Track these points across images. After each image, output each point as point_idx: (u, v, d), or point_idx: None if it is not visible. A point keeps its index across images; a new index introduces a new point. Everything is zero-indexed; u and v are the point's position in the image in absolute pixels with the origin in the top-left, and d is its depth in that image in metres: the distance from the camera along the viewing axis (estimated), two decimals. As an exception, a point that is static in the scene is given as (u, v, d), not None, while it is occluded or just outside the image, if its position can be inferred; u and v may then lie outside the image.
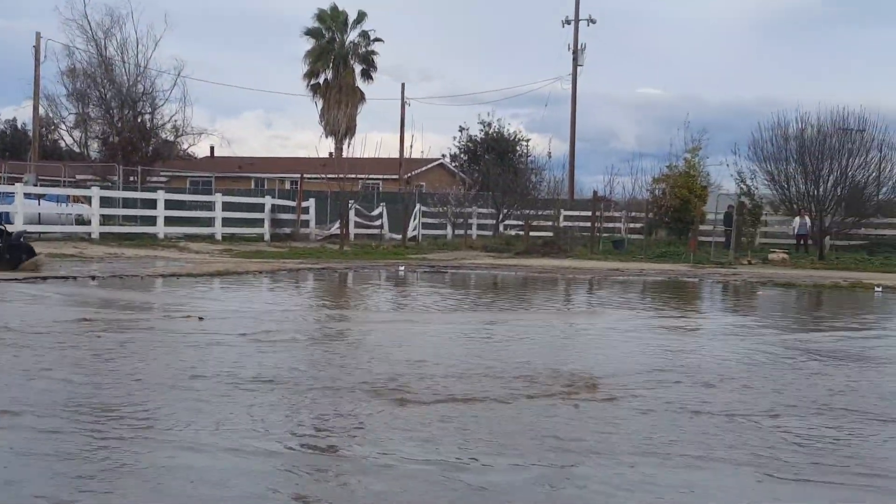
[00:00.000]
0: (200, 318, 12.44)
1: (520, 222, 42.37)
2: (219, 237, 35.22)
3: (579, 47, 54.82)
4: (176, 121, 51.39)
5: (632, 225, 42.86)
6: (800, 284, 23.88)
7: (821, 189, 37.93)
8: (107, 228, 32.50)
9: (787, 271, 28.54)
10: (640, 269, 28.57)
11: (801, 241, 37.09)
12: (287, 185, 57.16)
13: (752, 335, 12.76)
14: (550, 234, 40.28)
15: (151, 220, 33.86)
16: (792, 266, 31.09)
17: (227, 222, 36.33)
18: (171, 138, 52.16)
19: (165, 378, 8.16)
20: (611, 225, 43.11)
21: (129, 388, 7.71)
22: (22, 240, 21.16)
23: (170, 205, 34.58)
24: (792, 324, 15.19)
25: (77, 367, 8.65)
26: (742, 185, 39.93)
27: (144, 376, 8.25)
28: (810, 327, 14.53)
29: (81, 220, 33.37)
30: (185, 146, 53.80)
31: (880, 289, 22.36)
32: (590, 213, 40.09)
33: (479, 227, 44.10)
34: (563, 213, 43.82)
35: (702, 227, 38.92)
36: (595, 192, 42.87)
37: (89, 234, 31.28)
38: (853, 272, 28.36)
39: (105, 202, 33.98)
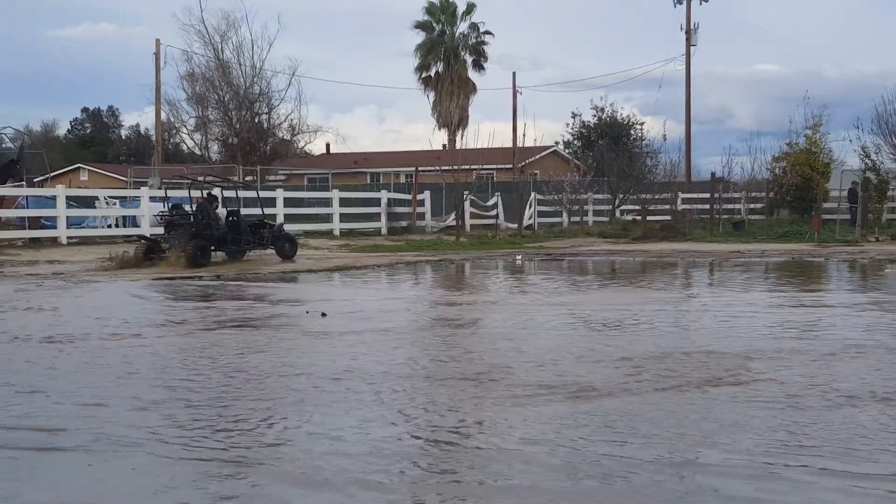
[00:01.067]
0: (324, 314, 12.70)
1: (636, 207, 41.96)
2: (337, 233, 35.77)
3: (692, 27, 53.96)
4: (292, 119, 52.29)
5: (752, 205, 42.04)
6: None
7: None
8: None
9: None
10: (762, 249, 28.06)
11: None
12: (402, 179, 57.66)
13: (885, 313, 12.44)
14: (668, 217, 39.78)
15: (271, 219, 34.56)
16: (921, 241, 30.12)
17: (344, 218, 36.85)
18: (288, 137, 53.11)
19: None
20: (730, 206, 42.39)
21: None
22: (283, 231, 24.80)
23: (288, 202, 35.23)
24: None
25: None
26: (867, 161, 38.66)
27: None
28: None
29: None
30: (301, 144, 54.69)
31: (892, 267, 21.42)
32: (708, 195, 39.45)
33: (595, 213, 43.80)
34: (681, 196, 43.21)
35: (825, 205, 37.95)
36: (713, 174, 42.11)
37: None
38: None
39: (226, 202, 34.77)
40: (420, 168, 41.32)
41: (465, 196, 37.77)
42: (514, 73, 60.18)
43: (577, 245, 31.81)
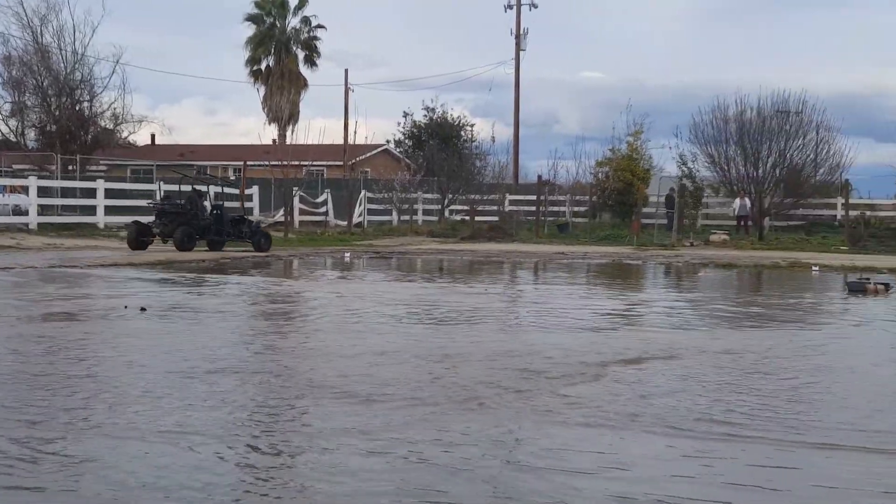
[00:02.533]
0: (143, 309, 12.49)
1: (465, 207, 42.56)
2: (162, 226, 34.91)
3: (522, 32, 55.05)
4: (115, 108, 50.62)
5: (576, 208, 43.26)
6: (741, 265, 24.38)
7: (760, 171, 38.58)
8: (45, 219, 32.03)
9: (729, 252, 29.08)
10: (585, 251, 28.95)
11: (742, 223, 37.68)
12: (230, 173, 56.78)
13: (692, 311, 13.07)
14: (496, 218, 40.51)
15: (91, 210, 33.45)
16: (733, 247, 31.67)
17: (169, 211, 35.99)
18: (111, 126, 51.46)
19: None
20: (555, 209, 43.47)
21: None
22: (260, 227, 27.54)
23: (110, 194, 34.19)
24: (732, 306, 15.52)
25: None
26: (683, 168, 40.52)
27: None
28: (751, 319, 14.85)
29: (18, 211, 32.89)
30: (125, 134, 53.04)
31: (817, 268, 22.93)
32: (534, 198, 40.39)
33: (425, 212, 44.23)
34: (508, 197, 44.07)
35: (645, 210, 39.41)
36: (539, 177, 43.16)
37: (27, 224, 30.83)
38: (792, 252, 28.98)
39: (43, 192, 33.46)
40: (249, 162, 40.78)
41: (294, 192, 37.52)
42: (346, 70, 59.92)
43: (406, 244, 32.07)
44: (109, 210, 33.65)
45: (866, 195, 45.49)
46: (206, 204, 26.57)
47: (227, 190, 30.56)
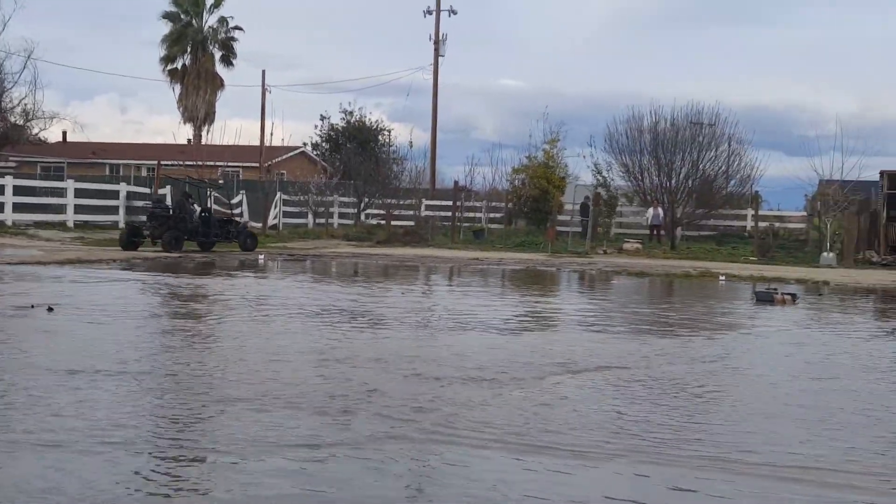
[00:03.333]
0: (50, 309, 12.22)
1: (381, 212, 42.48)
2: (71, 224, 34.25)
3: (441, 38, 55.14)
4: (26, 104, 49.40)
5: (492, 215, 43.46)
6: (652, 273, 24.70)
7: (673, 181, 39.26)
8: (-50, 215, 31.23)
9: (641, 261, 29.44)
10: (500, 258, 29.07)
11: (655, 232, 38.20)
12: (143, 172, 55.81)
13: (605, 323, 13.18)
14: (412, 223, 40.50)
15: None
16: (646, 255, 32.06)
17: (79, 209, 35.31)
18: (21, 122, 50.25)
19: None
20: (471, 214, 43.59)
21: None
22: (247, 228, 29.82)
23: (18, 191, 33.41)
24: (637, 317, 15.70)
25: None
26: (598, 177, 41.03)
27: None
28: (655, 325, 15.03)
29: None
30: (35, 131, 51.79)
31: (724, 278, 23.33)
32: (451, 203, 40.47)
33: (341, 216, 44.04)
34: (425, 202, 44.12)
35: (560, 218, 39.72)
36: (456, 182, 43.30)
37: (-69, 221, 30.02)
38: (702, 262, 29.44)
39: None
40: (163, 162, 40.21)
41: (208, 193, 37.04)
42: (263, 71, 59.30)
43: (320, 247, 31.88)
44: (18, 207, 32.89)
45: (776, 207, 46.49)
46: (196, 207, 28.05)
47: (215, 193, 31.96)
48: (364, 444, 5.98)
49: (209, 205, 28.88)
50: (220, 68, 63.27)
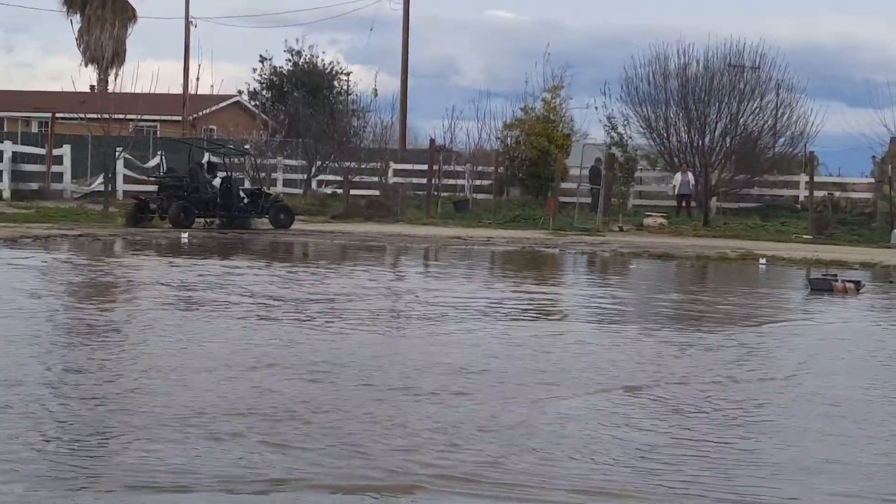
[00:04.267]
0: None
1: (338, 178, 42.26)
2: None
3: (413, -44, 54.99)
4: None
5: (478, 182, 43.27)
6: (680, 256, 24.73)
7: (707, 139, 39.20)
8: None
9: (666, 240, 29.48)
10: (488, 236, 29.04)
11: (683, 203, 38.17)
12: (34, 128, 55.46)
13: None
14: (377, 192, 40.32)
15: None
16: (672, 233, 32.10)
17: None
18: None
19: None
20: (452, 182, 43.38)
21: None
22: (280, 201, 31.35)
23: None
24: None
25: None
26: (613, 134, 40.82)
27: None
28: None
29: None
30: None
31: (764, 261, 23.34)
32: (426, 167, 40.25)
33: (287, 183, 43.81)
34: (393, 166, 43.93)
35: (564, 186, 39.62)
36: (433, 141, 43.05)
37: None
38: (743, 241, 29.51)
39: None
40: (59, 115, 39.89)
41: (118, 154, 36.84)
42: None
43: (260, 223, 31.76)
44: None
45: (836, 172, 46.61)
46: (218, 176, 29.95)
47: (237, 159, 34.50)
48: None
49: (229, 172, 30.81)
50: (131, -5, 62.81)
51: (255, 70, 58.45)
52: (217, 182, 29.62)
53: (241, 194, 29.96)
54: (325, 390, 8.32)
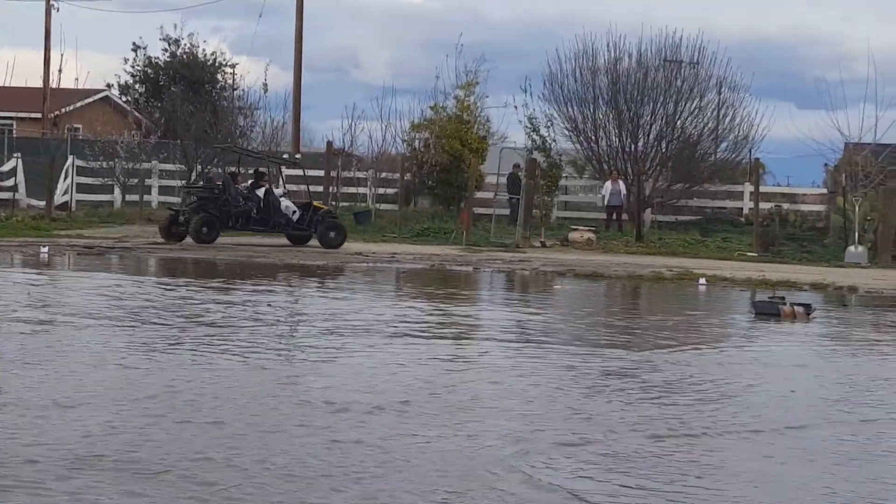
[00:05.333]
0: None
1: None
2: None
3: (310, -67, 54.90)
4: None
5: (382, 190, 43.22)
6: (610, 275, 24.84)
7: (640, 143, 39.57)
8: None
9: (595, 257, 29.60)
10: (393, 252, 29.00)
11: (614, 216, 38.38)
12: None
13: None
14: (266, 202, 40.17)
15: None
16: (601, 250, 32.23)
17: None
18: None
19: None
20: (352, 190, 43.34)
21: None
22: (330, 216, 31.34)
23: None
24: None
25: None
26: (535, 137, 40.96)
27: None
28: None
29: None
30: None
31: (704, 281, 23.49)
32: (322, 174, 40.14)
33: (163, 191, 43.44)
34: (285, 172, 43.73)
35: (479, 195, 39.68)
36: (330, 144, 42.95)
37: None
38: (681, 258, 29.72)
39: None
40: None
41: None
42: (49, -21, 58.12)
43: (132, 235, 31.41)
44: None
45: (784, 181, 47.25)
46: (261, 187, 30.65)
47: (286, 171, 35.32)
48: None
49: (280, 183, 32.29)
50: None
51: (126, 60, 57.85)
52: (262, 193, 30.15)
53: (291, 207, 30.38)
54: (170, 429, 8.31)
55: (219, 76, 55.46)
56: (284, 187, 32.37)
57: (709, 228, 38.77)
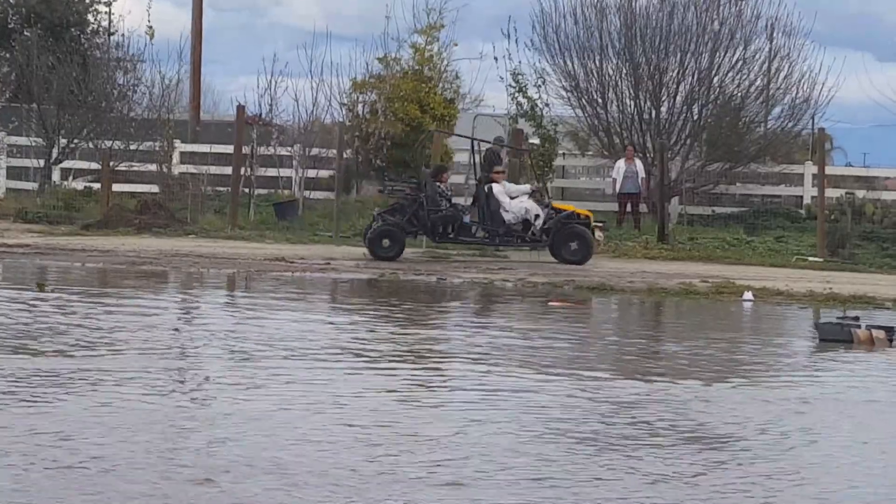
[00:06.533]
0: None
1: (94, 166, 41.98)
2: None
3: None
4: None
5: (314, 173, 43.15)
6: (623, 288, 24.91)
7: (664, 108, 39.62)
8: None
9: (603, 263, 29.69)
10: (328, 258, 28.98)
11: (629, 207, 38.36)
12: None
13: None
14: (155, 188, 40.13)
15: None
16: (611, 253, 32.30)
17: None
18: None
19: None
20: (273, 173, 43.28)
21: None
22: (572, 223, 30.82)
23: None
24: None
25: None
26: (521, 99, 40.97)
27: None
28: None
29: None
30: None
31: (751, 296, 23.54)
32: (231, 150, 40.06)
33: (12, 173, 43.46)
34: (181, 148, 43.68)
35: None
36: (242, 109, 42.74)
37: None
38: (719, 265, 29.80)
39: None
40: None
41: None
42: None
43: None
44: None
45: (859, 160, 47.32)
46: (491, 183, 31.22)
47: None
48: None
49: (542, 184, 33.29)
50: None
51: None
52: (518, 202, 30.34)
53: (533, 210, 30.29)
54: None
55: (89, 16, 55.41)
56: (538, 182, 33.39)
57: (757, 224, 38.77)
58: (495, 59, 40.87)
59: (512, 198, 30.61)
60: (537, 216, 30.09)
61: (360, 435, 10.71)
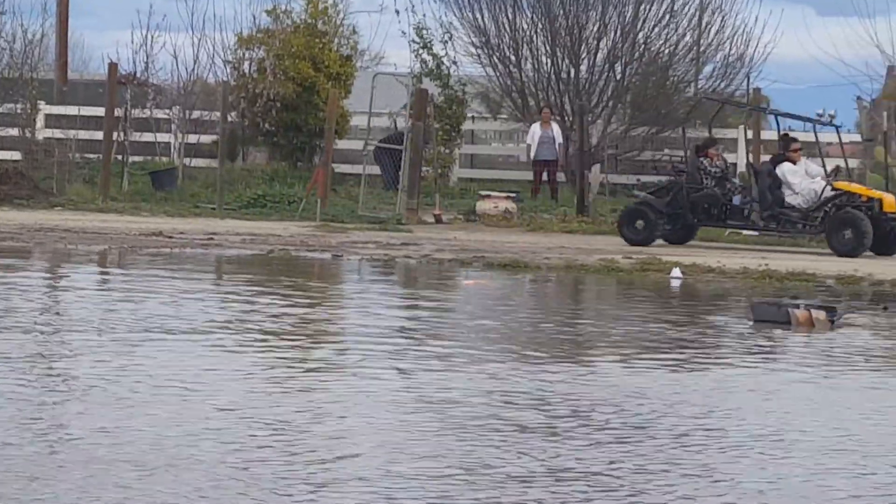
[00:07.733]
0: None
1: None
2: None
3: None
4: None
5: (195, 138, 43.05)
6: (538, 265, 24.98)
7: (584, 67, 39.75)
8: None
9: (516, 237, 29.79)
10: (211, 232, 28.92)
11: (545, 175, 38.48)
12: None
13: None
14: (16, 155, 39.94)
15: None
16: (525, 226, 32.40)
17: None
18: None
19: None
20: (149, 138, 43.17)
21: None
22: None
23: None
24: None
25: None
26: (426, 57, 41.05)
27: None
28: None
29: None
30: None
31: (679, 273, 23.61)
32: (103, 113, 39.92)
33: None
34: (45, 110, 43.52)
35: (341, 146, 39.71)
36: (114, 66, 42.67)
37: None
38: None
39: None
40: None
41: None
42: None
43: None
44: None
45: (798, 124, 47.61)
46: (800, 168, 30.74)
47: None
48: None
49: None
50: None
51: None
52: (809, 184, 30.05)
53: (827, 195, 29.88)
54: None
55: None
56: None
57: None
58: (396, 11, 41.10)
59: (812, 177, 30.50)
60: (817, 203, 29.80)
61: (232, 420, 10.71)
